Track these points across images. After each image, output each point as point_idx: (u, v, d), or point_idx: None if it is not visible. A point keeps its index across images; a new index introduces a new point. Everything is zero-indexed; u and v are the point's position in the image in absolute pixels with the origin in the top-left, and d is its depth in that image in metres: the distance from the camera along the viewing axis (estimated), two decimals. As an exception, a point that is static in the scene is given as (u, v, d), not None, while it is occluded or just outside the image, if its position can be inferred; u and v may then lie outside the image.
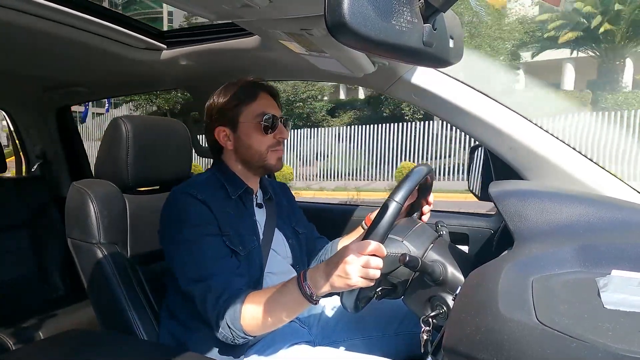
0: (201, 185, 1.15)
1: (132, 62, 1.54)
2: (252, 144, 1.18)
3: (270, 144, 1.18)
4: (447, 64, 0.69)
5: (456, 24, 0.71)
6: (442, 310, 0.95)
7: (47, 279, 2.02)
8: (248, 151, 1.19)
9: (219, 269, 1.05)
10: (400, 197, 0.93)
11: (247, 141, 1.18)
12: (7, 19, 1.13)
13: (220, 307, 1.00)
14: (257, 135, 1.17)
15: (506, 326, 0.59)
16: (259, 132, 1.17)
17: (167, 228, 1.13)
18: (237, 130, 1.18)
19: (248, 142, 1.18)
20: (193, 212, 1.09)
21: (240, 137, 1.18)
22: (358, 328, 1.27)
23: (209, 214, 1.10)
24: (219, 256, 1.08)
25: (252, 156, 1.19)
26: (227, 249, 1.10)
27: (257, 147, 1.18)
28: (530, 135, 1.16)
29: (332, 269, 0.87)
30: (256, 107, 1.17)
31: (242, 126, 1.17)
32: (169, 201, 1.14)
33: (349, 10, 0.47)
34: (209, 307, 1.02)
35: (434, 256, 0.99)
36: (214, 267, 1.05)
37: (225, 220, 1.12)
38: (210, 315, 1.02)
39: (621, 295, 0.60)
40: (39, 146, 2.29)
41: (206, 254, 1.06)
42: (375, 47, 0.51)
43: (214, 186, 1.17)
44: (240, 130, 1.18)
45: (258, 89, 1.19)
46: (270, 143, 1.18)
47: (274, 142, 1.19)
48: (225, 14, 0.89)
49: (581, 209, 0.89)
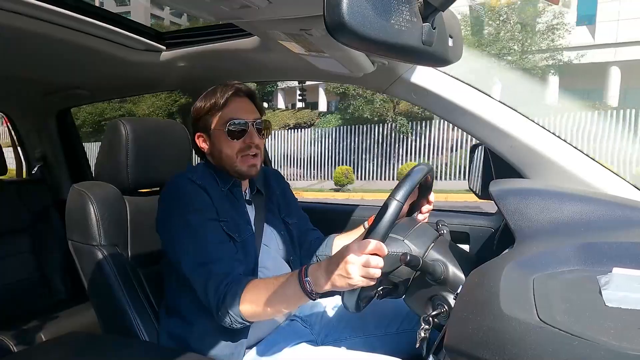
0: (198, 172, 1.17)
1: (131, 64, 1.55)
2: (222, 149, 1.19)
3: (239, 148, 1.19)
4: (447, 63, 0.69)
5: (455, 23, 0.71)
6: (444, 309, 0.95)
7: (48, 282, 2.02)
8: (219, 156, 1.20)
9: (221, 254, 1.07)
10: (401, 196, 0.93)
11: (218, 147, 1.20)
12: (7, 22, 1.13)
13: (221, 293, 1.01)
14: (226, 141, 1.18)
15: (508, 325, 0.59)
16: (227, 138, 1.18)
17: (168, 213, 1.13)
18: (210, 136, 1.20)
19: (219, 147, 1.19)
20: (195, 196, 1.11)
21: (213, 143, 1.20)
22: (360, 327, 1.27)
23: (209, 200, 1.12)
24: (220, 241, 1.09)
25: (224, 161, 1.20)
26: (226, 235, 1.11)
27: (226, 152, 1.19)
28: (530, 133, 1.16)
29: (334, 268, 0.87)
30: (225, 113, 1.18)
31: (214, 132, 1.19)
32: (170, 187, 1.15)
33: (348, 10, 0.47)
34: (211, 292, 1.03)
35: (435, 255, 0.99)
36: (216, 252, 1.06)
37: (221, 208, 1.14)
38: (211, 300, 1.03)
39: (622, 293, 0.60)
40: (39, 149, 2.29)
41: (209, 239, 1.08)
42: (374, 46, 0.51)
43: (208, 176, 1.19)
44: (214, 136, 1.20)
45: (231, 94, 1.19)
46: (239, 147, 1.19)
47: (244, 147, 1.19)
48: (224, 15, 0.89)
49: (582, 207, 0.89)
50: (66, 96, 2.07)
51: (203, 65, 1.57)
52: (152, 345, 1.19)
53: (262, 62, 1.47)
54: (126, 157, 1.28)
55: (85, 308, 1.86)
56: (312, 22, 0.81)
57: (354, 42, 0.50)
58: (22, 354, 1.31)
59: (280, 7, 0.79)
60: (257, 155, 1.21)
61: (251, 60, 1.46)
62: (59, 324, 1.77)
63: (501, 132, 1.18)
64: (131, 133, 1.29)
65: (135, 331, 1.19)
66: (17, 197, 2.00)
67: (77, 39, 1.30)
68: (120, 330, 1.21)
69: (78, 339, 1.20)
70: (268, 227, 1.28)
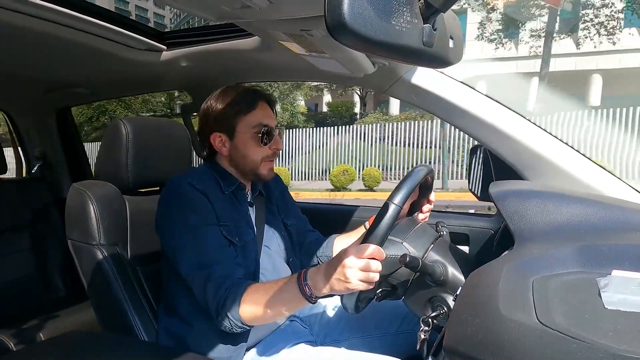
0: (199, 176, 1.16)
1: (132, 63, 1.55)
2: (247, 154, 1.19)
3: (265, 154, 1.20)
4: (447, 64, 0.69)
5: (456, 24, 0.71)
6: (443, 310, 0.94)
7: (47, 280, 2.02)
8: (243, 160, 1.20)
9: (221, 258, 1.06)
10: (399, 200, 0.93)
11: (243, 150, 1.19)
12: (8, 20, 1.13)
13: (221, 297, 1.01)
14: (254, 146, 1.18)
15: (507, 326, 0.59)
16: (256, 143, 1.18)
17: (167, 216, 1.12)
18: (234, 138, 1.19)
19: (244, 151, 1.19)
20: (194, 200, 1.11)
21: (236, 146, 1.19)
22: (359, 327, 1.27)
23: (208, 205, 1.11)
24: (220, 245, 1.09)
25: (246, 165, 1.20)
26: (225, 239, 1.11)
27: (252, 157, 1.19)
28: (530, 135, 1.16)
29: (332, 272, 0.87)
30: (254, 117, 1.18)
31: (239, 135, 1.18)
32: (169, 190, 1.14)
33: (349, 10, 0.47)
34: (210, 296, 1.02)
35: (434, 257, 0.99)
36: (216, 255, 1.06)
37: (222, 212, 1.13)
38: (210, 304, 1.02)
39: (622, 295, 0.60)
40: (39, 148, 2.29)
41: (208, 241, 1.07)
42: (375, 47, 0.51)
43: (210, 180, 1.18)
44: (237, 139, 1.19)
45: (257, 98, 1.19)
46: (265, 154, 1.20)
47: (270, 153, 1.20)
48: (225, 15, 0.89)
49: (582, 209, 0.89)
50: (66, 95, 2.07)
51: (204, 65, 1.57)
52: (151, 345, 1.19)
53: (262, 62, 1.47)
54: (126, 156, 1.28)
55: (84, 307, 1.86)
56: (313, 22, 0.81)
57: (355, 43, 0.50)
58: (22, 353, 1.31)
59: (281, 7, 0.79)
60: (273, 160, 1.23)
61: (252, 61, 1.46)
62: (59, 322, 1.77)
63: (501, 134, 1.18)
64: (131, 132, 1.29)
65: (135, 330, 1.19)
66: (16, 195, 2.00)
67: (77, 38, 1.30)
68: (119, 329, 1.21)
69: (77, 338, 1.20)
70: (269, 229, 1.28)
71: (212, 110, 1.19)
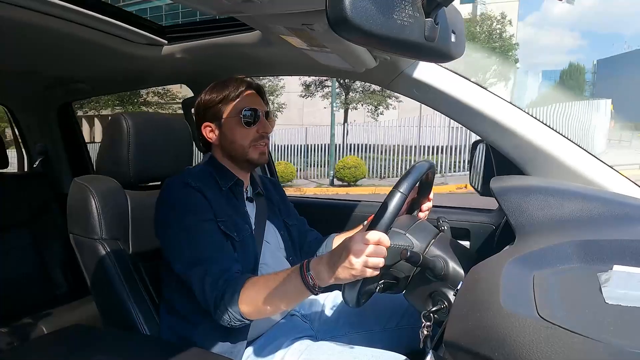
0: (195, 175, 1.17)
1: (133, 58, 1.54)
2: (235, 139, 1.21)
3: (252, 138, 1.21)
4: (449, 58, 0.69)
5: (458, 18, 0.71)
6: (444, 305, 0.95)
7: (49, 275, 2.02)
8: (232, 145, 1.21)
9: (217, 254, 1.07)
10: (404, 188, 0.93)
11: (230, 136, 1.21)
12: (8, 15, 1.13)
13: (219, 290, 1.01)
14: (240, 130, 1.20)
15: (507, 321, 0.59)
16: (241, 126, 1.20)
17: (164, 215, 1.13)
18: (221, 125, 1.21)
19: (231, 137, 1.21)
20: (190, 199, 1.11)
21: (224, 132, 1.21)
22: (359, 322, 1.28)
23: (205, 202, 1.12)
24: (217, 241, 1.09)
25: (236, 150, 1.22)
26: (223, 235, 1.11)
27: (239, 142, 1.21)
28: (532, 130, 1.16)
29: (336, 260, 0.87)
30: (239, 103, 1.20)
31: (226, 121, 1.20)
32: (165, 190, 1.15)
33: (351, 4, 0.47)
34: (207, 290, 1.02)
35: (435, 251, 1.00)
36: (212, 252, 1.06)
37: (219, 208, 1.14)
38: (209, 297, 1.02)
39: (622, 290, 0.60)
40: (40, 143, 2.29)
41: (204, 238, 1.08)
42: (376, 41, 0.51)
43: (207, 177, 1.19)
44: (225, 126, 1.21)
45: (242, 86, 1.22)
46: (252, 137, 1.21)
47: (257, 136, 1.21)
48: (226, 9, 0.89)
49: (583, 204, 0.89)
50: (67, 90, 2.07)
51: (204, 59, 1.56)
52: (153, 339, 1.19)
53: (263, 56, 1.47)
54: (128, 151, 1.28)
55: (86, 302, 1.87)
56: (314, 16, 0.80)
57: (356, 37, 0.50)
58: (23, 348, 1.32)
59: (282, 1, 0.79)
60: (266, 145, 1.24)
61: (253, 55, 1.46)
62: (60, 317, 1.78)
63: (503, 129, 1.18)
64: (133, 127, 1.28)
65: (137, 325, 1.19)
66: (18, 190, 2.00)
67: (78, 32, 1.30)
68: (121, 324, 1.21)
69: (79, 333, 1.20)
70: (270, 225, 1.28)
71: (202, 102, 1.23)
